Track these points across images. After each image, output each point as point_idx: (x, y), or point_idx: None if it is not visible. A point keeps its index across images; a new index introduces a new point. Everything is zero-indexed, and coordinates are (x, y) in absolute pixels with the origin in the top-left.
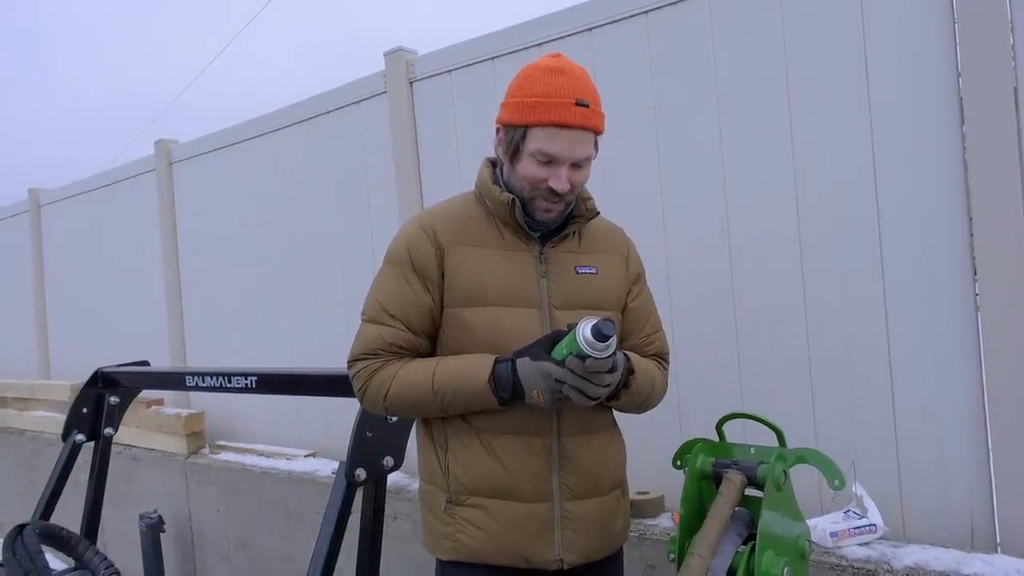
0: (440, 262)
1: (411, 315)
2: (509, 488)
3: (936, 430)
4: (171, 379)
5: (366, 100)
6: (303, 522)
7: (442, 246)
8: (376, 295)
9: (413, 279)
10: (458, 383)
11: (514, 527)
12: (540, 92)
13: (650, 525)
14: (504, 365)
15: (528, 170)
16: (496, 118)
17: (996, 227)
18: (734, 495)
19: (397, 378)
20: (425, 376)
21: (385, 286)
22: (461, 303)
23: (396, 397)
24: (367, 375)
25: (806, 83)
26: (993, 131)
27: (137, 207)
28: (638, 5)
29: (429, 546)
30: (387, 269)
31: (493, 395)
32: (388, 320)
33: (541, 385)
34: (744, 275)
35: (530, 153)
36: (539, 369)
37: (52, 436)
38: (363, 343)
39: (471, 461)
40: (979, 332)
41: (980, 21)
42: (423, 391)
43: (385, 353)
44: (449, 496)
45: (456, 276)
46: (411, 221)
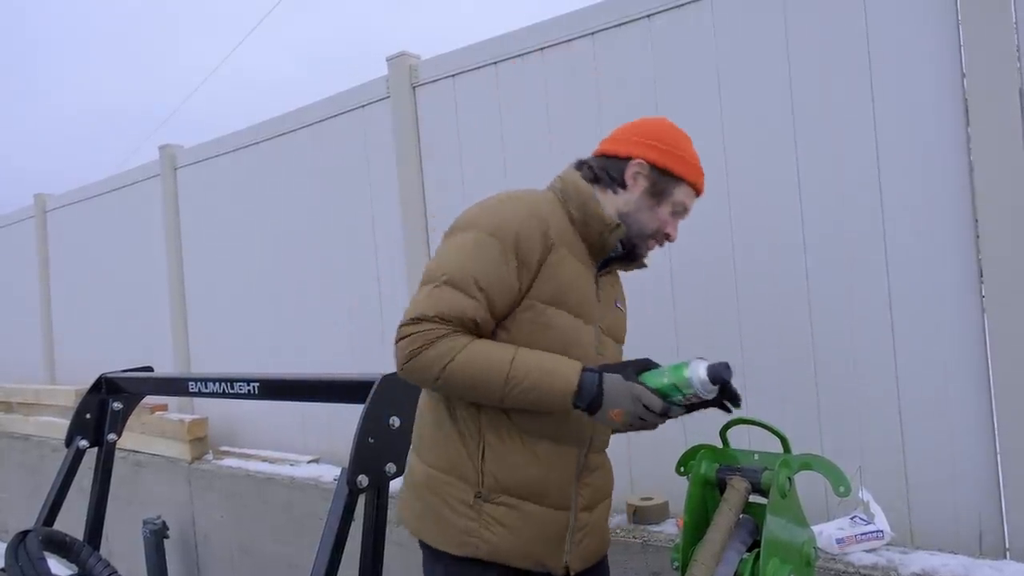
0: (543, 255)
1: (497, 294)
2: (541, 492)
3: (944, 435)
4: (174, 385)
5: (369, 105)
6: (307, 528)
7: (551, 240)
8: (466, 262)
9: (512, 260)
10: (539, 378)
11: (540, 531)
12: (692, 156)
13: (654, 531)
14: (591, 375)
15: (664, 216)
16: (641, 155)
17: (1002, 229)
18: (738, 502)
19: (468, 351)
20: (502, 359)
21: (479, 257)
22: (547, 300)
23: (459, 371)
24: (430, 338)
25: (809, 84)
26: (999, 132)
27: (142, 212)
28: (641, 9)
29: (433, 539)
30: (485, 240)
31: (571, 401)
32: (474, 291)
33: (627, 407)
34: (748, 279)
35: (673, 202)
36: (631, 391)
37: (57, 441)
38: (437, 305)
39: (510, 459)
40: (985, 335)
41: (985, 22)
42: (495, 373)
43: (457, 323)
44: (479, 491)
45: (552, 273)
46: (516, 202)
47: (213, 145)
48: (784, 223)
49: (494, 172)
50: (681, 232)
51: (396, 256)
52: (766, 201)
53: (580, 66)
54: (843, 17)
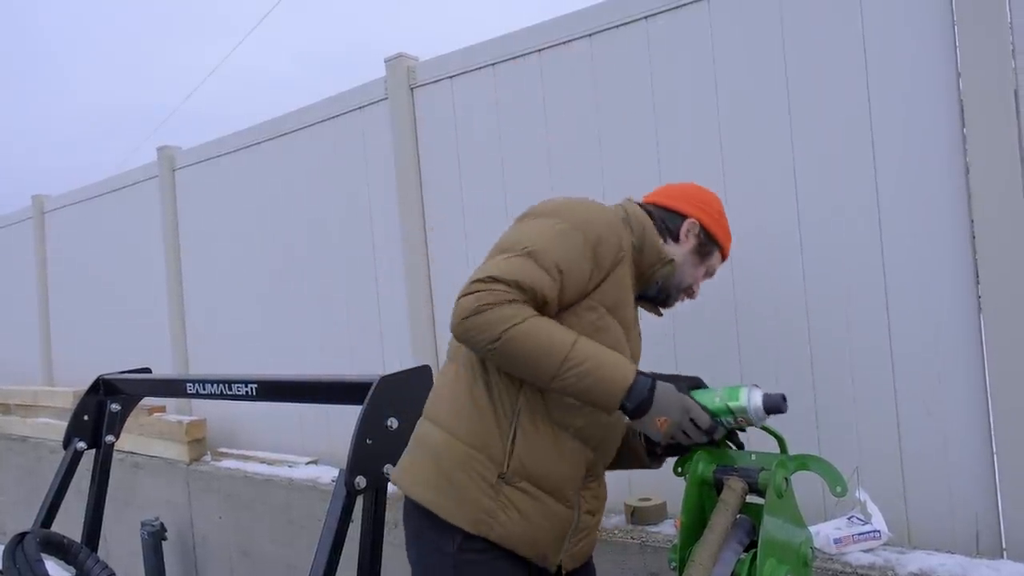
0: (614, 264)
1: (571, 284)
2: (558, 487)
3: (940, 434)
4: (172, 386)
5: (368, 106)
6: (305, 529)
7: (622, 252)
8: (549, 243)
9: (589, 258)
10: (596, 366)
11: (549, 524)
12: (730, 232)
13: (652, 532)
14: (645, 379)
15: (699, 275)
16: (697, 216)
17: (998, 229)
18: (735, 502)
19: (533, 321)
20: (564, 339)
21: (563, 243)
22: (608, 307)
23: (520, 337)
24: (503, 299)
25: (805, 85)
26: (994, 133)
27: (140, 213)
28: (637, 11)
29: (448, 512)
30: (570, 230)
31: (620, 398)
32: (553, 271)
33: (675, 417)
34: (745, 279)
35: (708, 265)
36: (682, 402)
37: (55, 443)
38: (515, 272)
39: (539, 448)
40: (982, 335)
41: (980, 23)
42: (556, 350)
43: (529, 295)
44: (502, 472)
45: (616, 283)
46: (602, 209)
47: (211, 146)
48: (781, 224)
49: (492, 173)
50: None
51: (394, 257)
52: (762, 201)
53: (578, 67)
54: (839, 19)
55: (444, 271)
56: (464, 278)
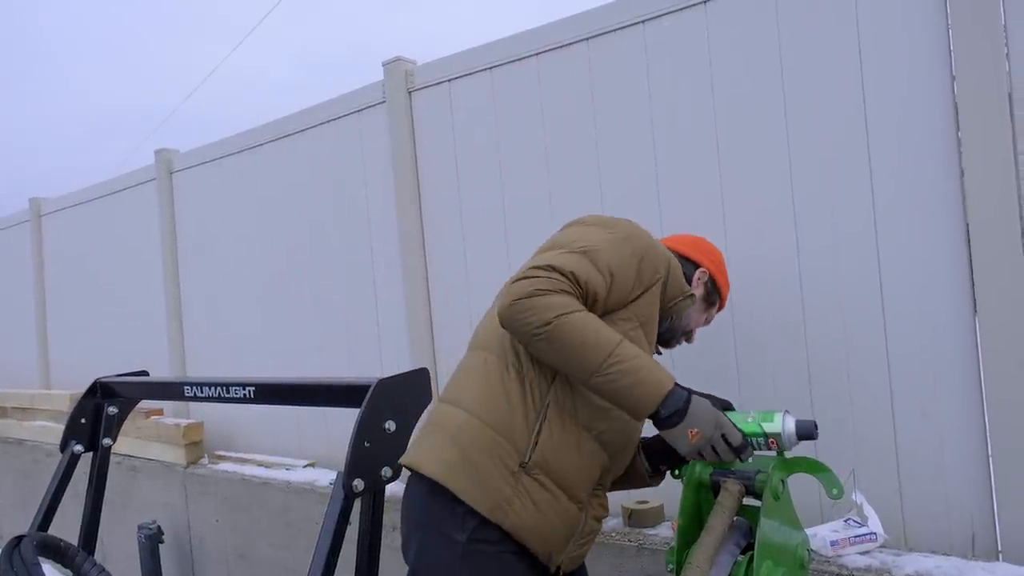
0: (652, 282)
1: (617, 289)
2: (573, 486)
3: (936, 437)
4: (169, 389)
5: (365, 110)
6: (303, 532)
7: (660, 274)
8: (603, 246)
9: (635, 269)
10: (639, 367)
11: (561, 520)
12: (729, 284)
13: (649, 535)
14: (682, 390)
15: (701, 321)
16: (707, 267)
17: (993, 232)
18: (732, 505)
19: (584, 314)
20: (612, 336)
21: (615, 250)
22: (642, 321)
23: (570, 326)
24: (558, 288)
25: (802, 87)
26: (988, 137)
27: (138, 216)
28: (635, 15)
29: (469, 495)
30: (623, 242)
31: (657, 403)
32: (606, 273)
33: (707, 431)
34: (741, 283)
35: (709, 313)
36: (716, 418)
37: (52, 446)
38: (575, 266)
39: (562, 445)
40: (977, 337)
41: (974, 27)
42: (603, 344)
43: (582, 289)
44: (524, 461)
45: (650, 301)
46: (645, 230)
47: (209, 149)
48: (778, 227)
49: (490, 176)
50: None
51: (392, 260)
52: (759, 204)
53: (576, 71)
54: (835, 23)
55: (442, 274)
56: (462, 281)
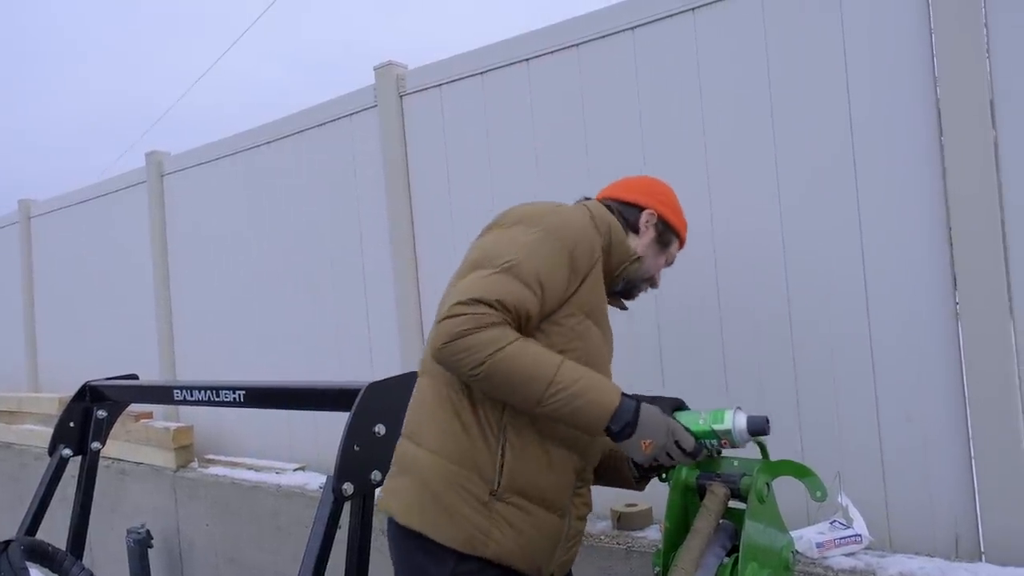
0: (590, 267)
1: (551, 294)
2: (551, 498)
3: (920, 439)
4: (159, 393)
5: (357, 113)
6: (292, 536)
7: (596, 255)
8: (529, 255)
9: (566, 264)
10: (582, 390)
11: (544, 535)
12: (685, 221)
13: (637, 537)
14: (630, 401)
15: (660, 264)
16: (654, 207)
17: (975, 237)
18: (718, 507)
19: (518, 345)
20: (551, 362)
21: (541, 253)
22: (587, 312)
23: (505, 362)
24: (484, 323)
25: (789, 93)
26: (971, 142)
27: (128, 219)
28: (624, 22)
29: (441, 534)
30: (550, 240)
31: (606, 421)
32: (534, 286)
33: (660, 439)
34: (729, 287)
35: (668, 254)
36: (667, 425)
37: (40, 450)
38: (498, 290)
39: (528, 461)
40: (960, 341)
41: (957, 35)
42: (541, 374)
43: (513, 313)
44: (494, 489)
45: (592, 287)
46: (576, 213)
47: (200, 152)
48: (764, 232)
49: (481, 181)
50: None
51: (383, 262)
52: (746, 208)
53: (565, 76)
54: (821, 29)
55: (432, 276)
56: None
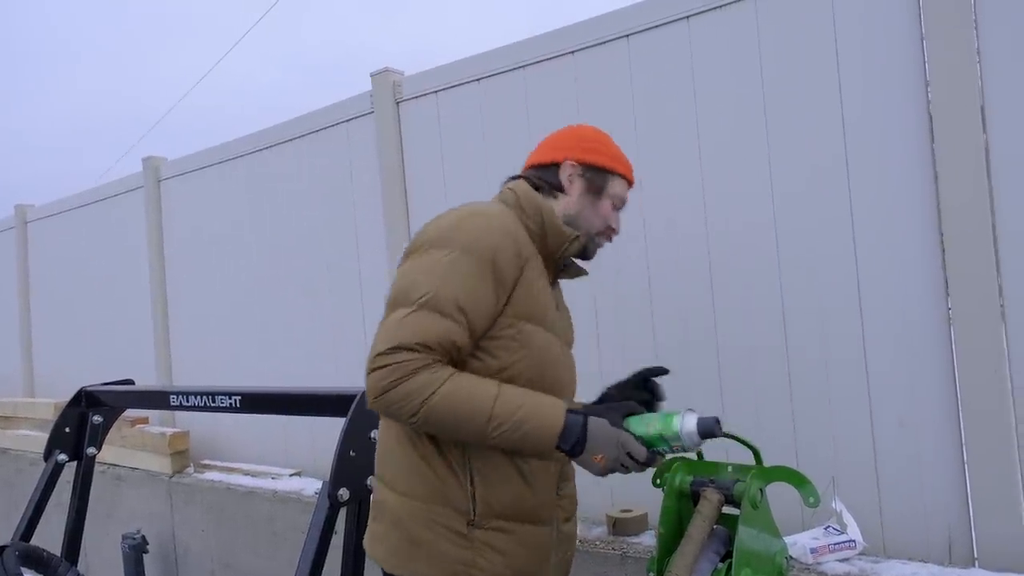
0: (518, 271)
1: (477, 316)
2: (533, 511)
3: (913, 445)
4: (155, 398)
5: (354, 120)
6: (288, 542)
7: (522, 255)
8: (443, 282)
9: (489, 279)
10: (524, 418)
11: (532, 550)
12: (617, 150)
13: (633, 543)
14: (576, 417)
15: (607, 211)
16: (570, 156)
17: (967, 242)
18: (711, 513)
19: (449, 385)
20: (487, 396)
21: (456, 276)
22: (526, 316)
23: (440, 407)
24: (409, 370)
25: (781, 101)
26: (962, 148)
27: (125, 224)
28: (619, 29)
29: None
30: (461, 258)
31: (554, 444)
32: (456, 314)
33: (610, 453)
34: (723, 293)
35: (610, 196)
36: (616, 437)
37: (35, 455)
38: (417, 332)
39: (502, 484)
40: (952, 346)
41: (948, 42)
42: (479, 411)
43: (439, 351)
44: (471, 519)
45: (528, 290)
46: (486, 217)
47: (197, 157)
48: (757, 240)
49: (477, 187)
50: (659, 250)
51: (379, 269)
52: (740, 217)
53: (561, 83)
54: (814, 38)
55: None
56: None
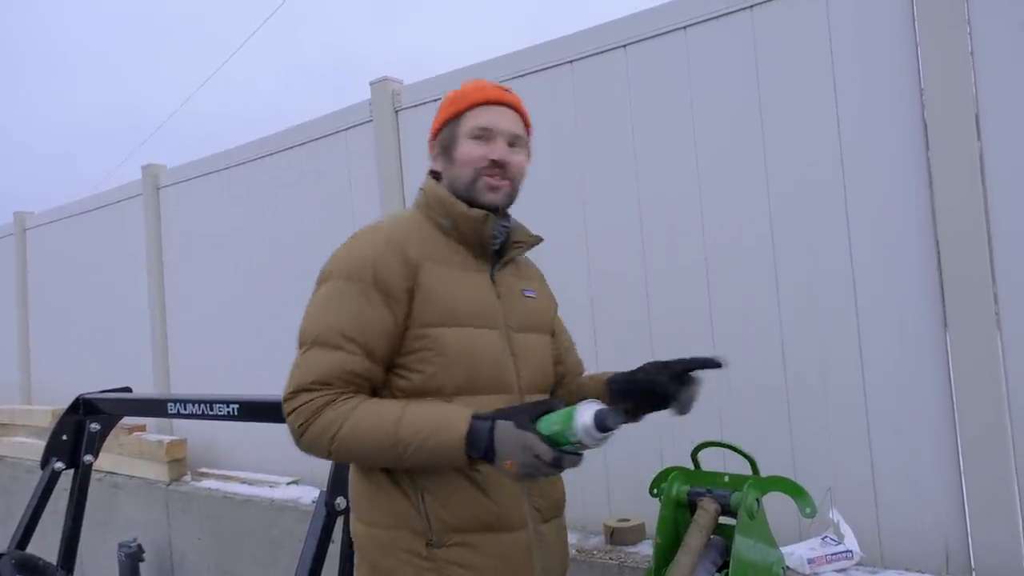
0: (411, 280)
1: (371, 339)
2: (496, 518)
3: (910, 458)
4: (153, 406)
5: (352, 128)
6: (285, 550)
7: (412, 262)
8: (328, 316)
9: (375, 298)
10: (428, 435)
11: (505, 560)
12: (461, 91)
13: (631, 552)
14: (482, 423)
15: (466, 150)
16: (431, 131)
17: (962, 250)
18: (708, 523)
19: (353, 417)
20: (389, 421)
21: (340, 306)
22: (435, 322)
23: (348, 440)
24: (313, 410)
25: (777, 109)
26: (957, 154)
27: (124, 232)
28: (617, 39)
29: None
30: (342, 287)
31: (465, 453)
32: (345, 344)
33: (518, 457)
34: (721, 305)
35: (466, 134)
36: (522, 440)
37: (31, 462)
38: (311, 371)
39: (454, 497)
40: (948, 355)
41: (942, 52)
42: (384, 438)
43: (339, 383)
44: (430, 539)
45: (429, 294)
46: (368, 234)
47: (196, 165)
48: (754, 250)
49: None
50: (657, 263)
51: None
52: (738, 231)
53: (559, 93)
54: (809, 46)
55: None
56: None
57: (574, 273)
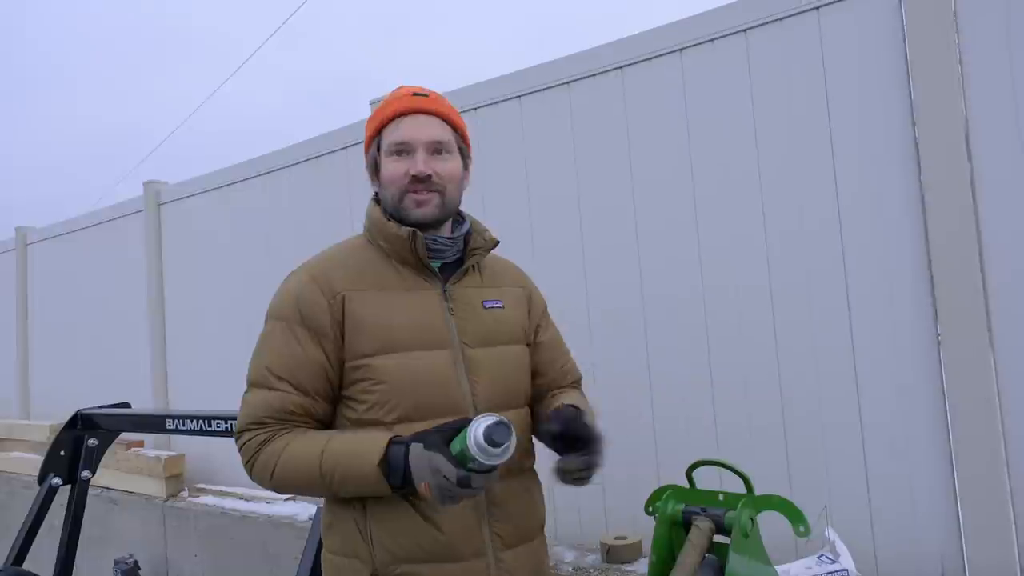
0: (338, 313)
1: (301, 375)
2: (444, 549)
3: (906, 477)
4: (151, 422)
5: (353, 146)
6: (282, 567)
7: (338, 294)
8: (260, 357)
9: (303, 334)
10: (347, 466)
11: None
12: (387, 97)
13: (627, 570)
14: (398, 448)
15: (388, 169)
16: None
17: (955, 271)
18: (703, 542)
19: (286, 453)
20: (313, 455)
21: (269, 346)
22: (370, 352)
23: (283, 477)
24: (254, 447)
25: (772, 130)
26: (949, 179)
27: (124, 247)
28: (614, 61)
29: None
30: (270, 327)
31: (384, 481)
32: (275, 383)
33: (428, 479)
34: (717, 325)
35: (385, 152)
36: (429, 462)
37: (28, 478)
38: (248, 412)
39: (399, 525)
40: (942, 374)
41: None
42: (311, 472)
43: (273, 422)
44: (374, 569)
45: (359, 324)
46: (296, 272)
47: (197, 182)
48: (750, 272)
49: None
50: (656, 282)
51: None
52: (733, 252)
53: (556, 113)
54: (804, 66)
55: None
56: None
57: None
